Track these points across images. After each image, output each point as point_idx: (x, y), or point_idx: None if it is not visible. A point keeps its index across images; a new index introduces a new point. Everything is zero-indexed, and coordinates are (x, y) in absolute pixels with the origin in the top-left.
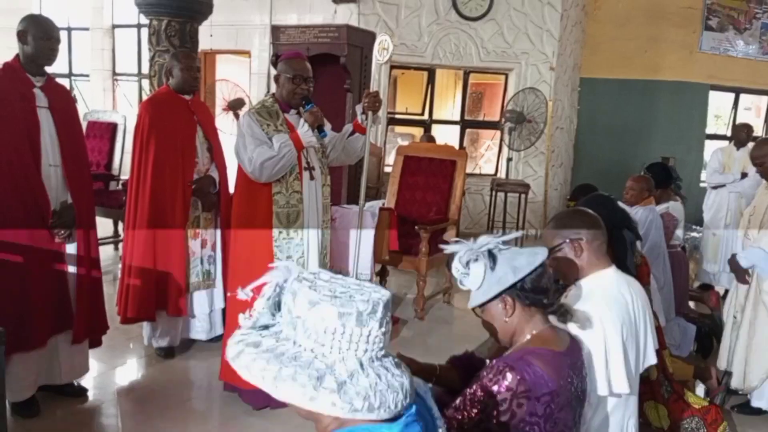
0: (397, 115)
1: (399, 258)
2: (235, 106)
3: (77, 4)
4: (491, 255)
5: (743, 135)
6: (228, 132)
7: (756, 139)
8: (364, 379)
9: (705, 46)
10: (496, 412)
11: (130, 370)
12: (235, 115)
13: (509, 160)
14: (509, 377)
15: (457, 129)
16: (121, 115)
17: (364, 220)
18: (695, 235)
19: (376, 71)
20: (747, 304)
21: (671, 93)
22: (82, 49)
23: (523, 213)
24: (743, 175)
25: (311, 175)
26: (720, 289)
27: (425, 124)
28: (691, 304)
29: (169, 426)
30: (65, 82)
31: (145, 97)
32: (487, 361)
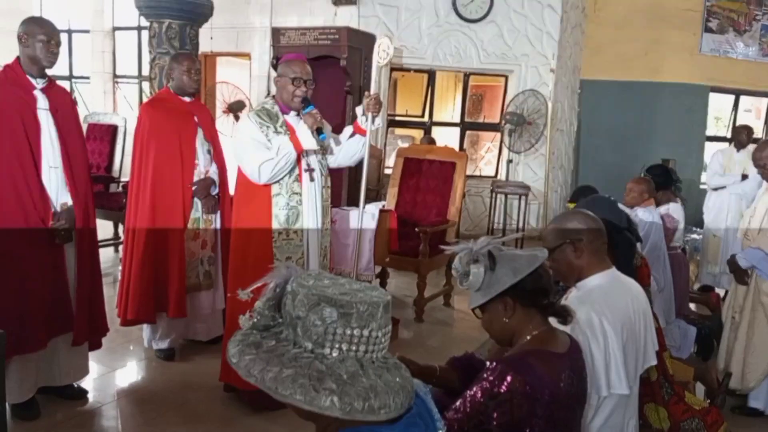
0: (397, 117)
1: (399, 260)
2: (235, 108)
3: (78, 6)
4: (491, 256)
5: (743, 137)
6: (228, 134)
7: (756, 141)
8: (365, 380)
9: (705, 48)
10: (496, 414)
11: (130, 372)
12: (236, 117)
13: (509, 162)
14: (509, 378)
15: (457, 131)
16: (122, 117)
17: (364, 222)
18: (695, 237)
19: (376, 73)
20: (746, 304)
21: (671, 95)
22: (82, 52)
23: (523, 215)
24: (744, 176)
25: (311, 177)
26: (721, 291)
27: (425, 126)
28: (691, 306)
29: (169, 428)
30: (66, 85)
31: (145, 99)
32: (487, 363)
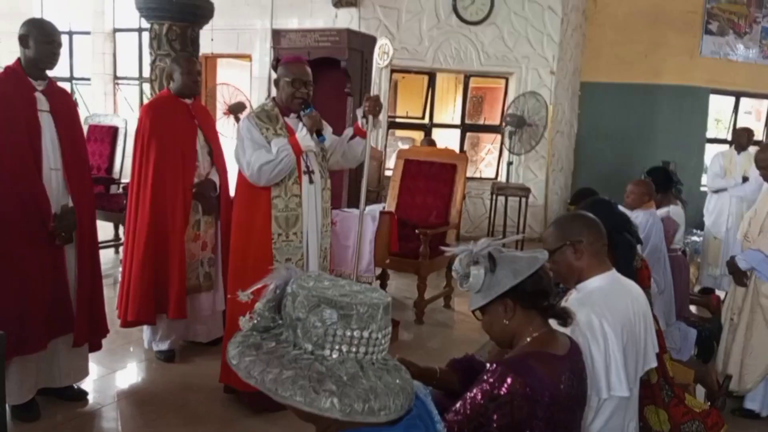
0: (397, 119)
1: (399, 261)
2: (235, 109)
3: (79, 7)
4: (491, 258)
5: (744, 139)
6: (229, 136)
7: (757, 143)
8: (365, 381)
9: (705, 51)
10: (496, 416)
11: (130, 374)
12: (236, 118)
13: (510, 164)
14: (509, 380)
15: (457, 133)
16: (122, 118)
17: (364, 224)
18: (695, 239)
19: (377, 75)
20: (744, 306)
21: (672, 97)
22: (83, 53)
23: (523, 217)
24: (744, 179)
25: (311, 179)
26: (722, 293)
27: (426, 128)
28: (692, 308)
29: (169, 429)
30: (66, 86)
31: (146, 100)
32: (487, 365)
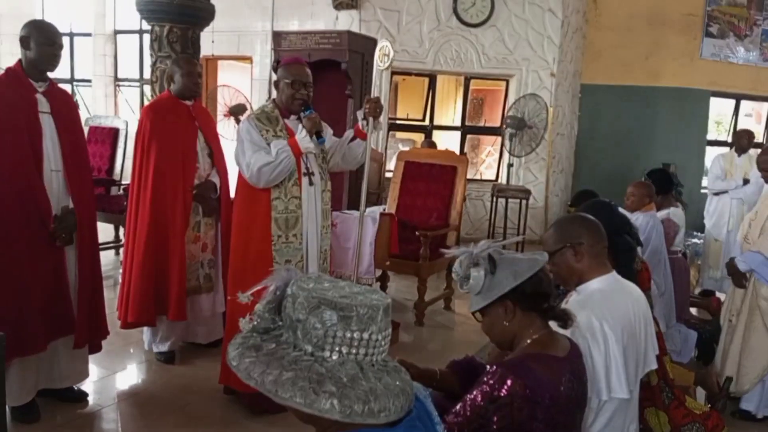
0: (398, 121)
1: (400, 263)
2: (236, 111)
3: (80, 9)
4: (491, 260)
5: (744, 141)
6: (229, 137)
7: (757, 146)
8: (364, 383)
9: (706, 53)
10: (496, 417)
11: (131, 375)
12: (237, 120)
13: (510, 165)
14: (509, 382)
15: (457, 135)
16: (123, 120)
17: (364, 226)
18: (696, 241)
19: (378, 77)
20: (743, 308)
21: (672, 99)
22: (84, 55)
23: (523, 219)
24: (745, 181)
25: (310, 180)
26: (723, 295)
27: (426, 130)
28: (692, 310)
29: (169, 430)
30: (67, 88)
31: (146, 102)
32: (488, 366)
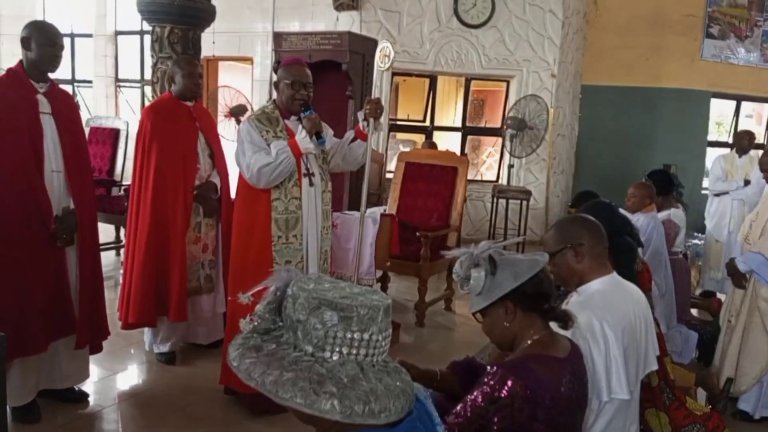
0: (398, 122)
1: (400, 264)
2: (237, 112)
3: (81, 10)
4: (492, 260)
5: (745, 142)
6: (230, 138)
7: (758, 147)
8: (365, 383)
9: (706, 54)
10: (496, 418)
11: (131, 376)
12: (237, 121)
13: (510, 166)
14: (510, 383)
15: (458, 136)
16: (124, 121)
17: (365, 226)
18: (696, 242)
19: (378, 78)
20: (742, 308)
21: (673, 100)
22: (85, 56)
23: (524, 219)
24: (746, 182)
25: (311, 181)
26: (723, 296)
27: (427, 131)
28: (693, 311)
29: (169, 431)
30: (68, 88)
31: (147, 103)
32: (488, 367)
